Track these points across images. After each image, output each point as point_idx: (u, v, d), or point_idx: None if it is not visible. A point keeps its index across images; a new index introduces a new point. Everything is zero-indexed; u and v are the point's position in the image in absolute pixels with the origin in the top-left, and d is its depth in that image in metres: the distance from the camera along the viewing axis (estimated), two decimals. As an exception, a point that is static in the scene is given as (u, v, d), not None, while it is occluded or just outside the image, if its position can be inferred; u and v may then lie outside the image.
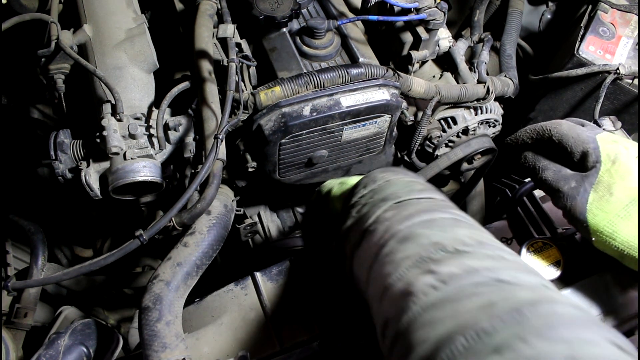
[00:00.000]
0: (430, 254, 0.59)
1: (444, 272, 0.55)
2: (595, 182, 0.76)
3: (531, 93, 1.38)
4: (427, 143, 1.11)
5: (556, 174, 0.80)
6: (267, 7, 0.99)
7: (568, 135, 0.80)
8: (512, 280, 0.52)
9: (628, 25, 1.26)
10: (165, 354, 0.74)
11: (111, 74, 0.94)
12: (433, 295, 0.53)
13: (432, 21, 1.02)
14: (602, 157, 0.76)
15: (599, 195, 0.75)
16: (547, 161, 0.83)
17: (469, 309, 0.49)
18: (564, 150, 0.81)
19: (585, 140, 0.78)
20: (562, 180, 0.79)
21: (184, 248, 0.84)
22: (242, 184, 1.08)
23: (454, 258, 0.57)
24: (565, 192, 0.78)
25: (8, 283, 0.81)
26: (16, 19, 0.96)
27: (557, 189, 0.80)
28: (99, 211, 1.56)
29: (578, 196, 0.76)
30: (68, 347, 0.87)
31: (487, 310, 0.47)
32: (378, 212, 0.73)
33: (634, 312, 0.87)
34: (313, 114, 0.90)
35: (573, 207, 0.77)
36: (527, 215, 0.97)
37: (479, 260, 0.56)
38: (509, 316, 0.46)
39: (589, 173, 0.77)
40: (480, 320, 0.46)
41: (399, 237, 0.65)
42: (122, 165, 0.88)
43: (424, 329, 0.50)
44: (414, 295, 0.54)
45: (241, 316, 0.89)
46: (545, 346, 0.42)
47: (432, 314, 0.51)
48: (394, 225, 0.67)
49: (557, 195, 0.80)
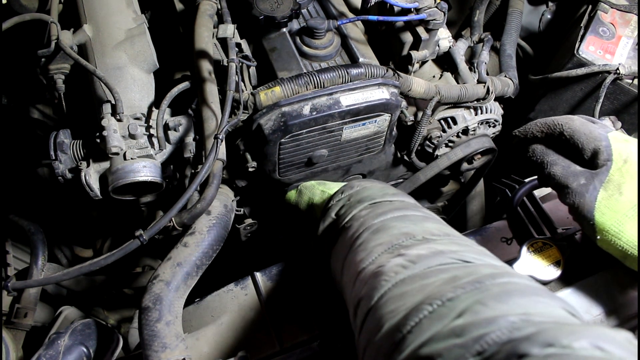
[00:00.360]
0: (400, 241, 0.65)
1: (413, 254, 0.60)
2: (606, 180, 0.75)
3: (531, 93, 1.38)
4: (427, 143, 1.11)
5: (565, 170, 0.79)
6: (267, 7, 0.99)
7: (580, 131, 0.79)
8: (475, 261, 0.58)
9: (628, 25, 1.26)
10: (165, 354, 0.74)
11: (111, 74, 0.94)
12: (403, 273, 0.57)
13: (432, 21, 1.02)
14: (613, 155, 0.75)
15: (609, 193, 0.74)
16: (557, 156, 0.82)
17: (436, 283, 0.54)
18: (575, 147, 0.79)
19: (598, 138, 0.77)
20: (571, 177, 0.78)
21: (184, 248, 0.84)
22: (242, 184, 1.08)
23: (422, 244, 0.63)
24: (573, 188, 0.77)
25: (8, 283, 0.81)
26: (16, 19, 0.96)
27: (565, 185, 0.78)
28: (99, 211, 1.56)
29: (587, 193, 0.75)
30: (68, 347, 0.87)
31: (452, 283, 0.53)
32: (354, 211, 0.78)
33: (634, 312, 0.87)
34: (313, 113, 0.90)
35: (581, 204, 0.76)
36: (527, 215, 0.97)
37: (445, 245, 0.62)
38: (471, 286, 0.51)
39: (600, 171, 0.76)
40: (445, 291, 0.51)
41: (373, 229, 0.70)
42: (122, 165, 0.88)
43: (394, 302, 0.54)
44: (385, 274, 0.59)
45: (241, 316, 0.89)
46: (503, 308, 0.47)
47: (402, 288, 0.55)
48: (367, 220, 0.73)
49: (565, 192, 0.79)
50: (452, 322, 0.47)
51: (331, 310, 0.88)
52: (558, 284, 0.90)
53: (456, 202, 1.42)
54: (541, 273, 0.86)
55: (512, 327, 0.43)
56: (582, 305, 0.88)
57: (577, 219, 0.80)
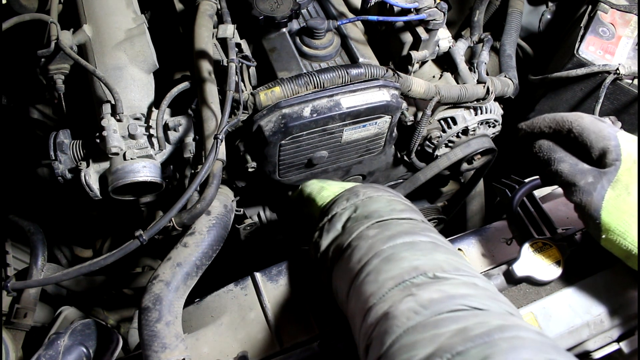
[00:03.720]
0: (412, 278, 0.65)
1: (425, 297, 0.61)
2: (614, 180, 0.74)
3: (531, 93, 1.38)
4: (427, 143, 1.11)
5: (573, 168, 0.78)
6: (267, 7, 0.99)
7: (590, 129, 0.78)
8: (483, 308, 0.59)
9: (628, 25, 1.26)
10: (165, 354, 0.74)
11: (111, 74, 0.94)
12: (414, 319, 0.58)
13: (432, 21, 1.02)
14: (622, 155, 0.75)
15: (616, 193, 0.74)
16: (564, 153, 0.80)
17: (446, 333, 0.55)
18: (583, 145, 0.78)
19: (607, 137, 0.76)
20: (578, 175, 0.77)
21: (183, 248, 0.84)
22: (242, 184, 1.08)
23: (433, 284, 0.63)
24: (581, 186, 0.76)
25: (8, 283, 0.81)
26: (16, 19, 0.96)
27: (572, 183, 0.77)
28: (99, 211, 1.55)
29: (594, 192, 0.75)
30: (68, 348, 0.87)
31: (462, 334, 0.54)
32: (361, 228, 0.77)
33: (634, 312, 0.87)
34: (313, 115, 0.90)
35: (588, 203, 0.75)
36: (527, 215, 0.97)
37: (455, 287, 0.63)
38: (480, 339, 0.52)
39: (608, 170, 0.75)
40: (456, 344, 0.53)
41: (382, 258, 0.70)
42: (122, 165, 0.88)
43: (405, 352, 0.55)
44: (397, 318, 0.60)
45: (241, 316, 0.89)
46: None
47: (413, 337, 0.56)
48: (376, 244, 0.72)
49: (572, 189, 0.78)
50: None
51: (331, 310, 0.88)
52: (558, 284, 0.90)
53: (456, 202, 1.42)
54: (541, 273, 0.86)
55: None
56: (582, 305, 0.88)
57: (582, 218, 0.79)
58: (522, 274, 0.86)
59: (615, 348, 0.88)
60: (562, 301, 0.88)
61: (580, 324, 0.86)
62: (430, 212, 1.40)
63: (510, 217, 0.97)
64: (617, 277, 0.89)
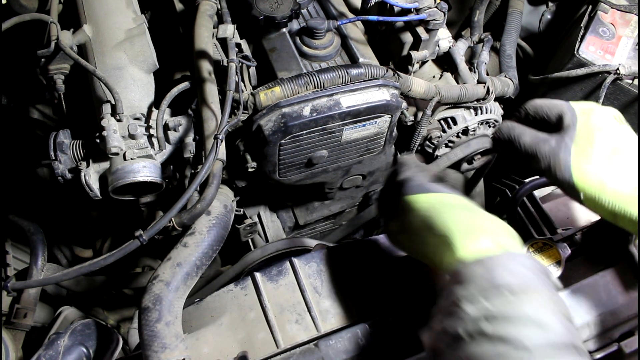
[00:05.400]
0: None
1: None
2: (575, 136, 0.75)
3: (531, 93, 1.37)
4: (427, 143, 1.11)
5: (534, 138, 0.78)
6: (267, 7, 0.99)
7: (542, 104, 0.80)
8: None
9: (628, 25, 1.26)
10: (165, 355, 0.74)
11: (111, 74, 0.94)
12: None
13: (432, 21, 1.02)
14: (577, 113, 0.76)
15: (580, 148, 0.74)
16: (523, 127, 0.80)
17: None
18: (541, 120, 0.80)
19: (559, 105, 0.78)
20: (541, 142, 0.77)
21: (183, 248, 0.84)
22: (242, 184, 1.08)
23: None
24: (546, 151, 0.76)
25: (8, 283, 0.81)
26: (16, 19, 0.96)
27: (536, 151, 0.77)
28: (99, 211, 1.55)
29: (560, 152, 0.74)
30: (68, 348, 0.87)
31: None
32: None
33: (634, 312, 0.87)
34: (313, 114, 0.90)
35: (557, 163, 0.75)
36: (527, 215, 0.97)
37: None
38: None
39: (567, 129, 0.76)
40: None
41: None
42: (122, 165, 0.88)
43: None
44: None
45: (241, 316, 0.89)
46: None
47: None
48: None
49: (537, 158, 0.77)
50: None
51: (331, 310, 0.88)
52: (558, 284, 0.90)
53: (456, 203, 1.42)
54: (541, 273, 0.86)
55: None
56: (582, 305, 0.87)
57: (555, 183, 0.78)
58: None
59: (615, 348, 0.88)
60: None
61: (580, 324, 0.85)
62: (430, 212, 1.40)
63: (511, 217, 0.97)
64: (617, 277, 0.89)
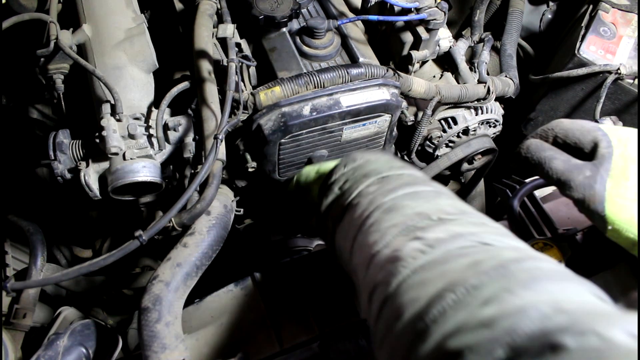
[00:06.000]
0: (415, 222, 0.61)
1: (431, 237, 0.57)
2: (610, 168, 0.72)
3: (531, 93, 1.37)
4: (428, 143, 1.11)
5: (567, 164, 0.75)
6: (267, 7, 0.99)
7: (573, 128, 0.77)
8: (496, 243, 0.55)
9: (629, 25, 1.26)
10: (165, 355, 0.74)
11: (110, 74, 0.94)
12: (422, 259, 0.54)
13: (433, 21, 1.02)
14: (613, 142, 0.73)
15: (615, 181, 0.72)
16: (554, 150, 0.77)
17: (457, 269, 0.51)
18: (572, 144, 0.77)
19: (593, 129, 0.75)
20: (574, 170, 0.74)
21: (183, 249, 0.84)
22: (242, 184, 1.07)
23: (439, 225, 0.59)
24: (580, 181, 0.73)
25: (7, 284, 0.81)
26: (15, 18, 0.95)
27: (570, 180, 0.74)
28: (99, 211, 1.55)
29: (596, 185, 0.72)
30: (67, 348, 0.87)
31: (475, 268, 0.50)
32: (361, 186, 0.73)
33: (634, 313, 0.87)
34: (313, 114, 0.90)
35: (591, 197, 0.72)
36: (528, 215, 0.97)
37: (463, 226, 0.59)
38: (495, 272, 0.48)
39: (603, 159, 0.73)
40: (469, 277, 0.48)
41: (384, 209, 0.66)
42: (122, 165, 0.87)
43: (414, 290, 0.52)
44: (403, 259, 0.56)
45: (241, 316, 0.89)
46: (532, 296, 0.45)
47: (422, 275, 0.53)
48: (377, 198, 0.69)
49: (570, 186, 0.74)
50: (478, 311, 0.45)
51: (331, 310, 0.88)
52: (559, 284, 0.89)
53: (456, 203, 1.42)
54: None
55: (544, 317, 0.41)
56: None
57: (585, 212, 0.76)
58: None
59: (616, 348, 0.88)
60: (563, 301, 0.88)
61: (581, 324, 0.85)
62: (430, 212, 1.40)
63: (511, 218, 0.97)
64: (617, 278, 0.89)
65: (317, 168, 0.92)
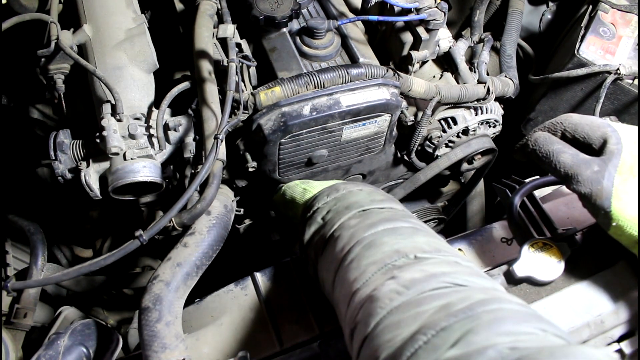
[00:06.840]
0: (393, 260, 0.65)
1: (407, 278, 0.61)
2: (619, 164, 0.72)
3: (531, 93, 1.37)
4: (427, 143, 1.11)
5: (575, 158, 0.74)
6: (267, 7, 0.99)
7: (582, 123, 0.76)
8: (466, 284, 0.59)
9: (628, 25, 1.26)
10: (165, 355, 0.74)
11: (111, 74, 0.94)
12: (397, 300, 0.59)
13: (432, 21, 1.02)
14: (622, 139, 0.73)
15: (623, 178, 0.71)
16: (562, 143, 0.77)
17: (429, 311, 0.55)
18: (580, 140, 0.76)
19: (602, 125, 0.75)
20: (582, 165, 0.73)
21: (183, 248, 0.84)
22: (242, 184, 1.08)
23: (414, 265, 0.63)
24: (587, 176, 0.72)
25: (8, 283, 0.81)
26: (16, 19, 0.95)
27: (577, 175, 0.74)
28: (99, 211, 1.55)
29: (604, 180, 0.71)
30: (68, 348, 0.87)
31: (445, 311, 0.54)
32: (343, 219, 0.77)
33: (635, 313, 0.87)
34: (313, 113, 0.90)
35: (597, 192, 0.72)
36: (528, 215, 0.97)
37: (437, 266, 0.63)
38: (463, 314, 0.53)
39: (612, 155, 0.72)
40: (439, 320, 0.53)
41: (364, 244, 0.70)
42: (122, 165, 0.88)
43: (389, 331, 0.56)
44: (380, 300, 0.60)
45: (241, 316, 0.89)
46: (493, 337, 0.49)
47: (397, 316, 0.57)
48: (358, 232, 0.73)
49: (577, 181, 0.74)
50: (446, 353, 0.49)
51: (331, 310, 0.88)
52: (558, 284, 0.90)
53: (456, 202, 1.42)
54: (541, 273, 0.86)
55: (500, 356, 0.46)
56: (583, 305, 0.87)
57: (590, 208, 0.76)
58: (523, 275, 0.86)
59: (616, 348, 0.88)
60: (563, 301, 0.88)
61: (580, 324, 0.85)
62: (430, 212, 1.40)
63: (511, 217, 0.97)
64: (617, 277, 0.89)
65: (304, 186, 0.96)
